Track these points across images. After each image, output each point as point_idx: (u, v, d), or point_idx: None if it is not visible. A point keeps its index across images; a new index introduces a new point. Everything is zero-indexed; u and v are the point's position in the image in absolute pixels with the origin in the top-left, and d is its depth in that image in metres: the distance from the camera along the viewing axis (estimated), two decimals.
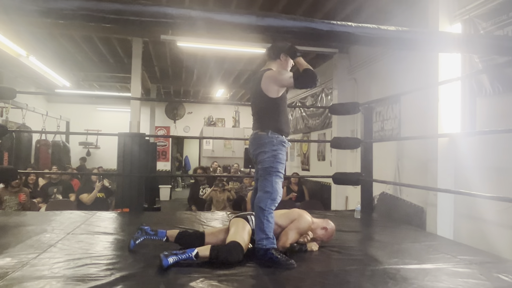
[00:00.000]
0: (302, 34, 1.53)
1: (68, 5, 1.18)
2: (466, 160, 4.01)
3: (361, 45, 2.09)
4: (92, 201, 6.06)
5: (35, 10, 1.17)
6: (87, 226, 3.28)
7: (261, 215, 2.47)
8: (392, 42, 1.82)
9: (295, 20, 1.49)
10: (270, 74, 2.64)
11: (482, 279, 2.17)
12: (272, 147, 2.56)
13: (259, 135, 2.62)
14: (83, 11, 1.20)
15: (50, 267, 2.12)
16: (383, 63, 5.97)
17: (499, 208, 3.46)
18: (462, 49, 2.47)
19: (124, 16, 1.28)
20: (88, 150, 13.54)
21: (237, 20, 1.42)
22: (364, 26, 1.55)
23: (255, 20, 1.45)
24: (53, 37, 7.20)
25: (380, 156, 5.43)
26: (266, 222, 2.45)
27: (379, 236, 3.46)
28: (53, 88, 10.78)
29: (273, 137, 2.58)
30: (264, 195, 2.52)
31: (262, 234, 2.44)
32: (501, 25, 3.69)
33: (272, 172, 2.54)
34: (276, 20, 1.49)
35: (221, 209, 6.31)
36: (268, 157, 2.55)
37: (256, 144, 2.63)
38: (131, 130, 6.74)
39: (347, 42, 1.71)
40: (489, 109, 3.83)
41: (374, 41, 1.63)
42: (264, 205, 2.49)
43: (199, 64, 9.00)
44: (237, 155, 13.57)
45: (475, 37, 3.35)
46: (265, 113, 2.66)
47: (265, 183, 2.54)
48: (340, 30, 1.51)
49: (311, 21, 1.50)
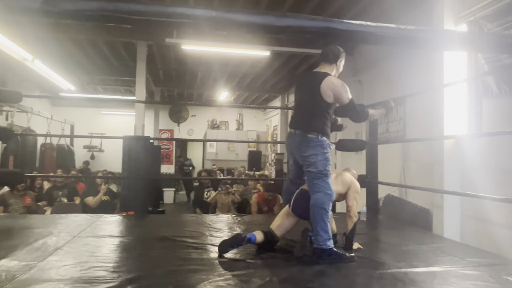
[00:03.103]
0: (321, 34, 1.53)
1: (86, 6, 1.18)
2: (472, 162, 3.99)
3: (380, 45, 2.09)
4: (97, 204, 6.07)
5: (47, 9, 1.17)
6: (93, 229, 3.28)
7: (324, 217, 2.52)
8: (410, 41, 1.81)
9: (314, 20, 1.49)
10: (334, 82, 2.65)
11: (492, 282, 2.15)
12: (323, 150, 2.61)
13: (309, 137, 2.63)
14: (103, 12, 1.20)
15: (58, 270, 2.12)
16: (387, 65, 5.96)
17: (507, 210, 3.43)
18: (467, 48, 2.45)
19: (146, 17, 1.29)
20: (92, 154, 13.59)
21: (256, 21, 1.42)
22: (385, 25, 1.54)
23: (274, 20, 1.45)
24: (58, 41, 7.24)
25: (385, 158, 5.40)
26: (328, 223, 2.53)
27: (386, 238, 3.44)
28: (58, 91, 10.84)
29: (322, 140, 2.62)
30: (325, 196, 2.56)
31: (325, 235, 2.49)
32: (507, 26, 3.68)
33: (327, 174, 2.61)
34: (295, 20, 1.49)
35: (226, 212, 6.30)
36: (321, 160, 2.60)
37: (306, 146, 2.63)
38: (136, 133, 6.76)
39: (367, 42, 1.70)
40: (496, 110, 3.82)
41: (393, 40, 1.63)
42: (327, 206, 2.55)
43: (203, 67, 9.02)
44: (240, 158, 13.57)
45: (480, 35, 3.33)
46: (315, 115, 2.67)
47: (322, 184, 2.58)
48: (359, 29, 1.51)
49: (330, 21, 1.50)
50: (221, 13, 1.39)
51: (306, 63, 8.47)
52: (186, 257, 2.47)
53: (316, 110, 2.67)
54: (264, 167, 13.68)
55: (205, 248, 2.70)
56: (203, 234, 3.16)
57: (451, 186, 4.07)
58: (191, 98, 14.18)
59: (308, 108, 2.72)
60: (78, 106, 13.59)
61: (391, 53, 5.74)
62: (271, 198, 5.95)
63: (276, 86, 11.33)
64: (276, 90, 11.82)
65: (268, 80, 10.60)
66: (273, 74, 9.72)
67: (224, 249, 2.51)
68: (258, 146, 14.20)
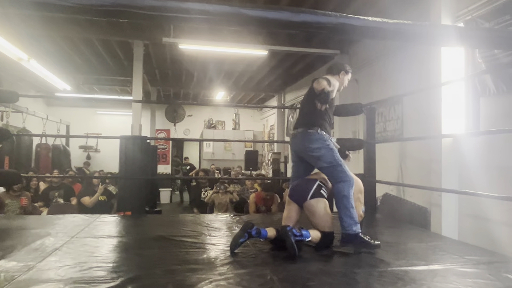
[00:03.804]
0: (336, 30, 1.54)
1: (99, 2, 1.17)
2: (470, 160, 4.01)
3: (393, 41, 2.13)
4: (94, 204, 6.04)
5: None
6: (91, 230, 3.26)
7: (347, 203, 2.62)
8: (420, 37, 1.80)
9: (330, 16, 1.49)
10: (324, 76, 2.81)
11: (492, 279, 2.16)
12: (324, 142, 2.72)
13: (309, 133, 2.75)
14: (117, 7, 1.19)
15: (57, 270, 2.10)
16: (384, 64, 5.97)
17: (505, 208, 3.45)
18: (464, 43, 2.45)
19: (164, 13, 1.28)
20: (88, 154, 13.53)
21: (272, 16, 1.42)
22: (400, 22, 1.55)
23: (289, 15, 1.46)
24: (54, 40, 7.20)
25: (383, 157, 5.41)
26: (352, 209, 2.62)
27: (384, 237, 3.43)
28: (53, 91, 10.78)
29: (322, 133, 2.74)
30: (344, 184, 2.65)
31: (351, 220, 2.59)
32: (505, 25, 3.69)
33: (339, 163, 2.69)
34: (311, 16, 1.49)
35: (224, 211, 6.29)
36: (326, 152, 2.70)
37: (308, 142, 2.74)
38: (133, 133, 6.74)
39: (380, 38, 1.71)
40: (493, 108, 3.84)
41: (408, 36, 1.64)
42: (347, 192, 2.63)
43: (199, 66, 9.00)
44: (237, 158, 13.56)
45: (478, 30, 3.33)
46: (312, 112, 2.81)
47: (338, 174, 2.67)
48: (374, 26, 1.52)
49: (346, 17, 1.50)
50: (236, 8, 1.39)
51: (302, 62, 8.47)
52: (185, 256, 2.46)
53: (312, 108, 2.80)
54: (261, 167, 13.67)
55: (204, 248, 2.69)
56: (202, 234, 3.14)
57: (449, 184, 4.08)
58: (187, 97, 14.15)
59: (306, 108, 2.90)
60: (74, 106, 13.52)
61: (388, 52, 5.75)
62: (269, 198, 5.95)
63: (272, 85, 11.32)
64: (272, 89, 11.82)
65: (264, 80, 10.60)
66: (269, 73, 9.72)
67: (236, 241, 2.51)
68: (254, 145, 14.19)
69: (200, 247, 2.70)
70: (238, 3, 1.37)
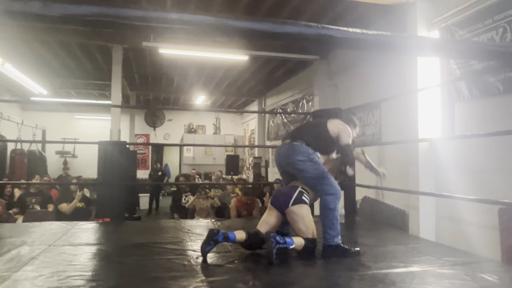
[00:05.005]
0: (318, 41, 1.56)
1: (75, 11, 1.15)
2: (446, 164, 4.11)
3: (373, 51, 2.18)
4: (72, 211, 5.91)
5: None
6: (68, 237, 3.19)
7: (331, 216, 2.67)
8: (399, 48, 1.87)
9: (311, 27, 1.52)
10: (338, 124, 2.92)
11: (468, 280, 2.22)
12: (309, 155, 2.75)
13: (295, 145, 2.79)
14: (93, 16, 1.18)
15: (34, 280, 2.04)
16: (363, 69, 6.08)
17: (480, 210, 3.55)
18: (440, 54, 2.54)
19: (151, 23, 1.27)
20: (65, 159, 13.24)
21: (255, 27, 1.43)
22: (379, 33, 1.60)
23: (272, 27, 1.47)
24: (29, 43, 7.04)
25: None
26: (336, 221, 2.68)
27: (364, 240, 3.48)
28: (29, 96, 10.52)
29: (307, 148, 2.78)
30: (331, 197, 2.70)
31: (334, 232, 2.66)
32: (477, 33, 3.82)
33: (324, 175, 2.73)
34: (293, 27, 1.51)
35: (205, 216, 6.25)
36: (310, 165, 2.74)
37: (292, 153, 2.77)
38: (112, 138, 6.63)
39: (359, 48, 1.75)
40: (467, 113, 3.95)
41: (387, 47, 1.69)
42: (333, 206, 2.69)
43: (179, 71, 8.95)
44: (218, 162, 13.52)
45: (452, 42, 3.45)
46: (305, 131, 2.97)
47: (323, 187, 2.72)
48: (354, 37, 1.55)
49: (327, 28, 1.53)
50: (219, 19, 1.40)
51: (282, 67, 8.54)
52: (166, 263, 2.43)
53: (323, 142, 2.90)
54: (241, 171, 13.67)
55: (186, 254, 2.66)
56: (183, 240, 3.12)
57: (426, 187, 4.17)
58: (167, 102, 14.04)
59: (310, 133, 2.94)
60: (50, 111, 13.22)
61: (366, 58, 5.85)
62: (250, 202, 5.95)
63: (253, 90, 11.36)
64: (253, 94, 11.85)
65: (245, 84, 10.62)
66: (250, 78, 9.75)
67: (204, 250, 2.47)
68: (235, 150, 14.19)
69: (181, 253, 2.68)
70: (220, 13, 1.38)
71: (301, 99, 8.72)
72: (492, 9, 3.68)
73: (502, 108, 3.59)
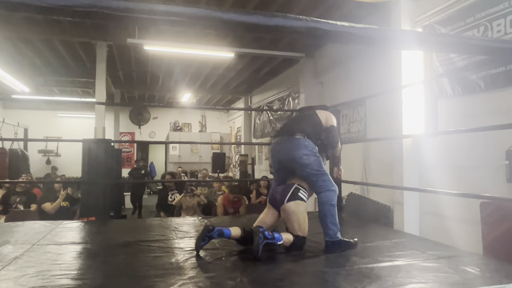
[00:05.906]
0: (308, 34, 1.56)
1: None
2: (429, 160, 4.18)
3: (361, 45, 2.20)
4: (56, 210, 5.82)
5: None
6: (53, 237, 3.14)
7: (333, 211, 2.69)
8: (387, 42, 1.90)
9: (301, 20, 1.52)
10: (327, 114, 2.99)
11: (451, 273, 2.26)
12: (312, 149, 2.73)
13: (296, 139, 2.73)
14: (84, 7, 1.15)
15: (18, 280, 2.01)
16: (348, 67, 6.13)
17: (462, 205, 3.62)
18: (423, 47, 2.57)
19: (135, 14, 1.25)
20: (48, 158, 13.02)
21: (244, 20, 1.42)
22: (366, 27, 1.62)
23: (263, 19, 1.46)
24: (10, 40, 6.90)
25: (348, 158, 5.54)
26: (336, 216, 2.70)
27: (350, 235, 3.49)
28: (10, 93, 10.30)
29: (309, 141, 2.75)
30: (332, 193, 2.71)
31: (335, 228, 2.68)
32: (459, 31, 3.89)
33: (325, 172, 2.72)
34: (283, 20, 1.51)
35: (191, 214, 6.23)
36: (314, 160, 2.71)
37: (297, 148, 2.71)
38: (96, 136, 6.55)
39: (347, 41, 1.76)
40: (450, 110, 4.02)
41: (374, 40, 1.71)
42: (334, 201, 2.71)
43: (164, 68, 8.88)
44: (204, 160, 13.47)
45: (436, 35, 3.49)
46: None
47: (323, 183, 2.70)
48: (342, 30, 1.56)
49: (316, 21, 1.54)
50: (210, 12, 1.39)
51: (268, 65, 8.54)
52: (153, 262, 2.41)
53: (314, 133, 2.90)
54: (228, 169, 13.65)
55: (173, 252, 2.65)
56: (170, 238, 3.10)
57: (410, 183, 4.24)
58: (152, 100, 13.92)
59: (301, 124, 2.93)
60: (33, 109, 12.98)
61: (351, 55, 5.91)
62: (237, 200, 5.95)
63: (239, 87, 11.34)
64: (239, 91, 11.84)
65: (231, 82, 10.60)
66: (236, 75, 9.73)
67: (198, 244, 2.49)
68: (221, 147, 14.16)
69: (168, 251, 2.66)
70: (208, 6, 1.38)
71: (287, 97, 8.75)
72: (473, 8, 3.75)
73: (483, 105, 3.67)
